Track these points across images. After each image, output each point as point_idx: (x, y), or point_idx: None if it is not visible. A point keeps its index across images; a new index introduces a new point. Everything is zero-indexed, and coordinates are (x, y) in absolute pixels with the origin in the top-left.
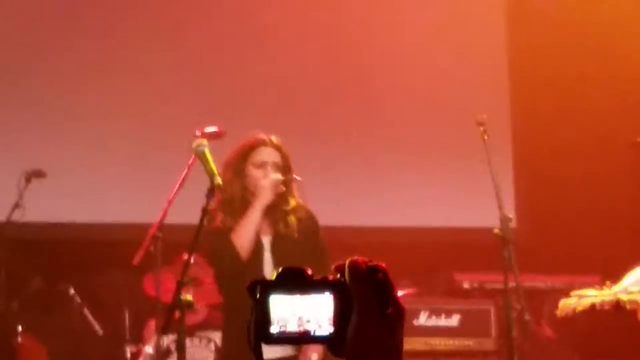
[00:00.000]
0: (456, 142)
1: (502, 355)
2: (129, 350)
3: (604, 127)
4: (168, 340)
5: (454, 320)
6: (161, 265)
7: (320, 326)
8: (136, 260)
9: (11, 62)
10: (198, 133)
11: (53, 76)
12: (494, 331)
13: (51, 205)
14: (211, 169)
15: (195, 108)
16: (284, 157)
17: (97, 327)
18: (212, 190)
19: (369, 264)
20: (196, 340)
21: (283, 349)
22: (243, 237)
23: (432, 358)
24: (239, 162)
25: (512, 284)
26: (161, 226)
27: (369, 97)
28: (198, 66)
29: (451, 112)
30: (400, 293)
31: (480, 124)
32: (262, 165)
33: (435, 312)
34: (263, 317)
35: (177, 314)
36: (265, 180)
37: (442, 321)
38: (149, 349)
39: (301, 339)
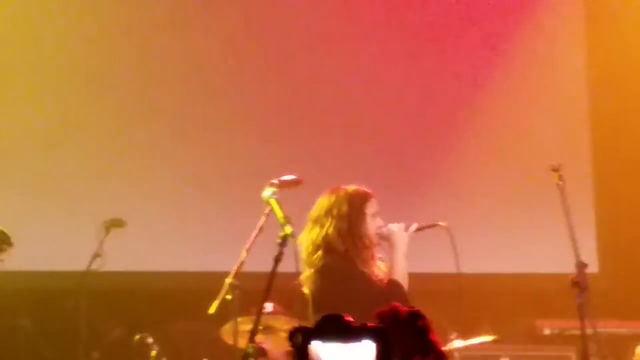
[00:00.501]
0: (536, 188)
1: None
2: None
3: None
4: None
5: None
6: (238, 314)
7: None
8: (212, 309)
9: (90, 111)
10: (275, 181)
11: (132, 127)
12: None
13: (131, 255)
14: (281, 217)
15: (274, 156)
16: None
17: None
18: (284, 239)
19: (410, 310)
20: None
21: None
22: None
23: None
24: (362, 213)
25: (591, 331)
26: (238, 274)
27: (446, 144)
28: (274, 116)
29: (530, 158)
30: (481, 339)
31: (555, 169)
32: (375, 215)
33: (516, 359)
34: None
35: None
36: (401, 229)
37: None
38: None
39: None
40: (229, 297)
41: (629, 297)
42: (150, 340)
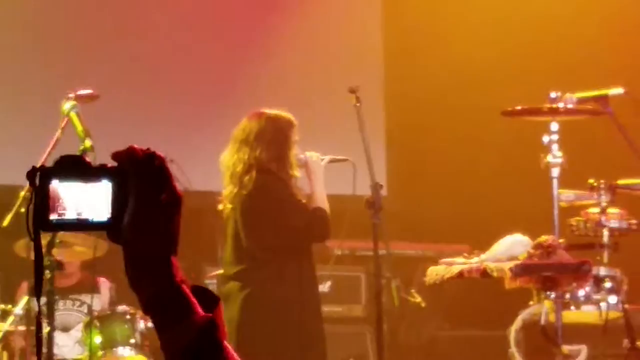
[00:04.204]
0: (329, 109)
1: (372, 321)
2: None
3: (475, 96)
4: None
5: (325, 287)
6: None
7: (98, 213)
8: (6, 222)
9: None
10: (71, 95)
11: None
12: (364, 298)
13: None
14: (81, 131)
15: (69, 70)
16: None
17: None
18: (84, 153)
19: (146, 151)
20: (69, 303)
21: None
22: None
23: None
24: (289, 139)
25: (382, 251)
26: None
27: (243, 66)
28: (73, 28)
29: (325, 80)
30: None
31: (353, 91)
32: (296, 142)
33: None
34: (42, 204)
35: (47, 275)
36: (315, 155)
37: None
38: (18, 310)
39: (79, 226)
40: (23, 210)
41: (417, 220)
42: None
